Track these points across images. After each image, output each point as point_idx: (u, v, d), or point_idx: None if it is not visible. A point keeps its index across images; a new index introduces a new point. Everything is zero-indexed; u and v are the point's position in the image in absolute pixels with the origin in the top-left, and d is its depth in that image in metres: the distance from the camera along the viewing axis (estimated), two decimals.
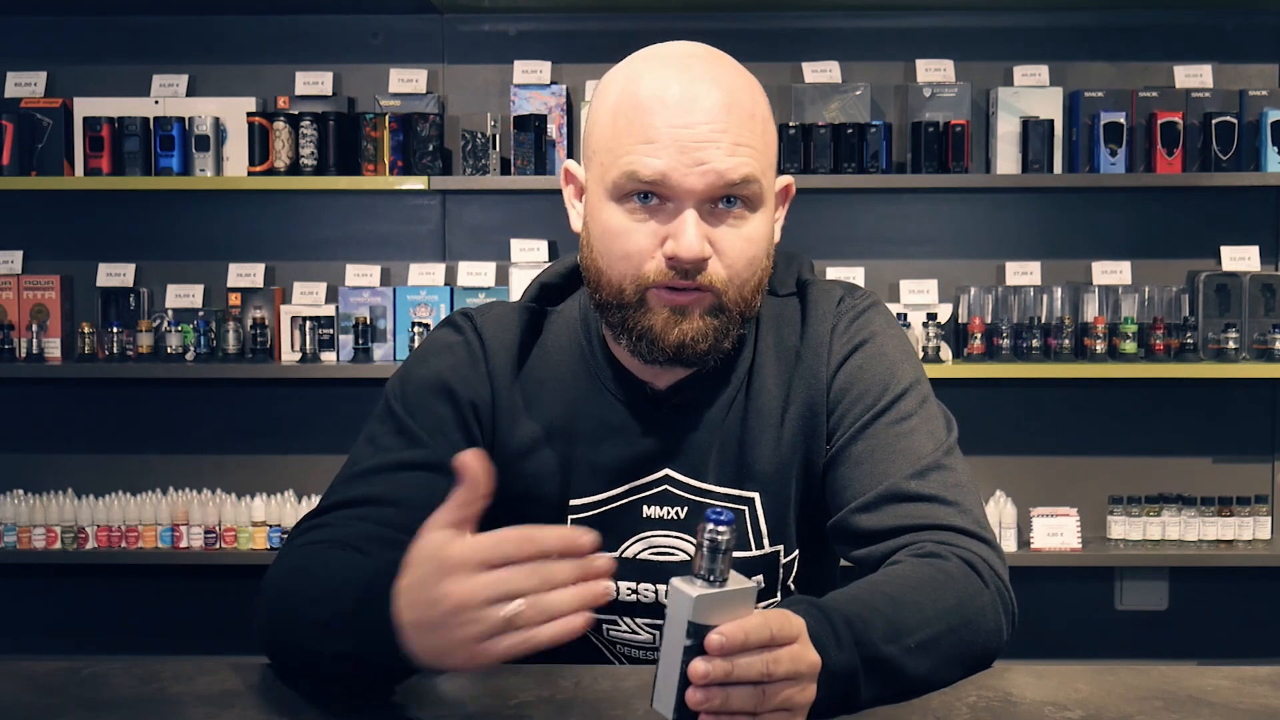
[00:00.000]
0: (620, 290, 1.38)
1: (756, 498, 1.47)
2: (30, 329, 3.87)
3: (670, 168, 1.33)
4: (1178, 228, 3.92)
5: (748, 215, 1.37)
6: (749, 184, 1.35)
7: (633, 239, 1.37)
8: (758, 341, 1.49)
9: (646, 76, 1.38)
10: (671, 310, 1.37)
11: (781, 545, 1.49)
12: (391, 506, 1.39)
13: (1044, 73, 3.83)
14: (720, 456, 1.47)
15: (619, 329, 1.40)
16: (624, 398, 1.47)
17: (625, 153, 1.35)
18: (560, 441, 1.47)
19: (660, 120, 1.34)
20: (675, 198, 1.35)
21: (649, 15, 3.91)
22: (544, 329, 1.51)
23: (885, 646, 1.19)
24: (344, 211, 3.98)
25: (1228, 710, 1.19)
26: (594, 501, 1.47)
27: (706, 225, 1.35)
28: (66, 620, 4.05)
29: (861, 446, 1.42)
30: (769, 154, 1.39)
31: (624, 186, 1.36)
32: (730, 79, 1.38)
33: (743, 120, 1.36)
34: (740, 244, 1.37)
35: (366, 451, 1.45)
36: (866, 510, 1.39)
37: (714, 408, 1.47)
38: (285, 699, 1.22)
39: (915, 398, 1.45)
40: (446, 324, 1.53)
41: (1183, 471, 3.94)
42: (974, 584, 1.31)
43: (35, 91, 3.90)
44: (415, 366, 1.50)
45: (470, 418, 1.46)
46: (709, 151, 1.34)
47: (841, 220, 3.94)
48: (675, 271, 1.35)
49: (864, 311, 1.49)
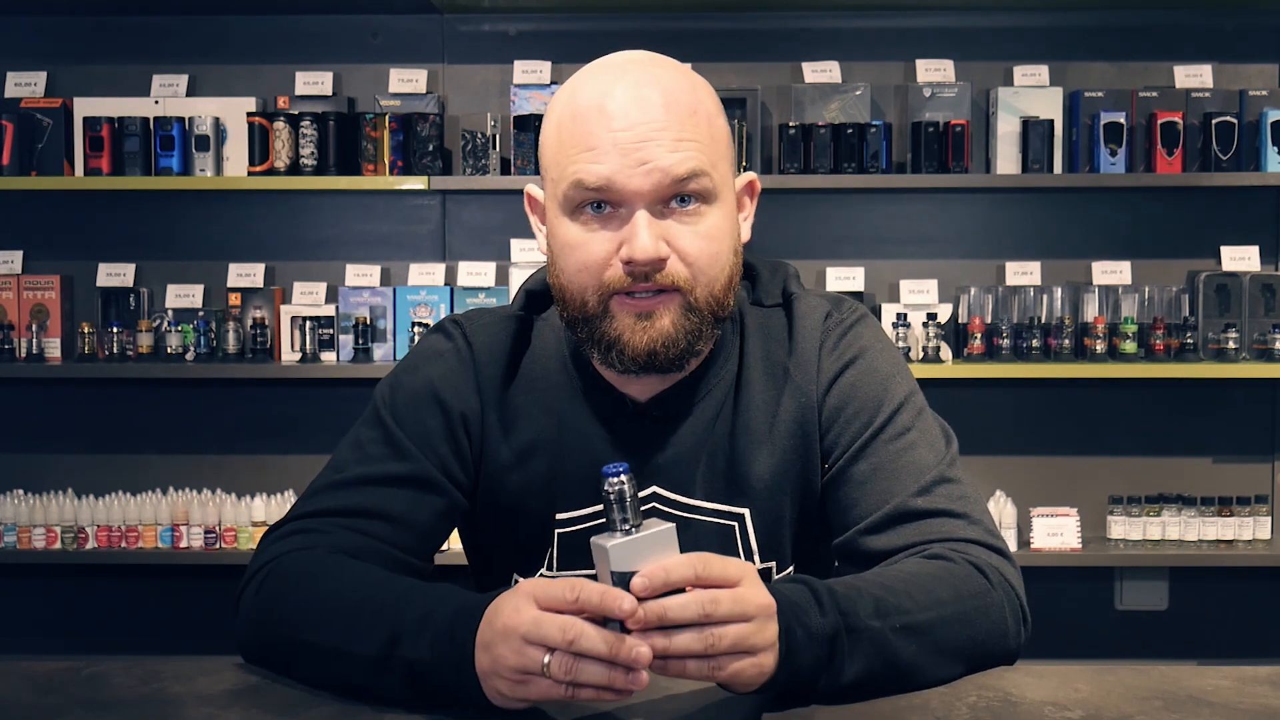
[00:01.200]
0: (584, 303, 1.38)
1: (747, 513, 1.45)
2: (30, 329, 3.87)
3: (614, 171, 1.33)
4: (1178, 228, 3.91)
5: (703, 211, 1.36)
6: (697, 178, 1.35)
7: (589, 249, 1.36)
8: (744, 354, 1.47)
9: (585, 87, 1.38)
10: (637, 316, 1.36)
11: (774, 562, 1.47)
12: (378, 520, 1.40)
13: (1044, 73, 3.83)
14: (708, 471, 1.45)
15: (589, 342, 1.40)
16: (606, 411, 1.46)
17: (570, 164, 1.36)
18: (546, 455, 1.46)
19: (599, 127, 1.34)
20: (625, 202, 1.34)
21: (649, 15, 3.90)
22: (532, 339, 1.50)
23: (870, 620, 1.20)
24: (344, 211, 3.98)
25: (1228, 710, 1.19)
26: (580, 516, 1.46)
27: (662, 225, 1.35)
28: (66, 620, 4.05)
29: (863, 466, 1.41)
30: (717, 148, 1.38)
31: (574, 198, 1.36)
32: (667, 79, 1.37)
33: (683, 117, 1.35)
34: (698, 241, 1.36)
35: (353, 457, 1.45)
36: (876, 532, 1.38)
37: (700, 420, 1.45)
38: (285, 699, 1.22)
39: (911, 411, 1.44)
40: (438, 330, 1.52)
41: (1183, 471, 3.94)
42: (977, 583, 1.31)
43: (35, 91, 3.90)
44: (406, 374, 1.49)
45: (459, 429, 1.46)
46: (650, 150, 1.33)
47: (841, 220, 3.93)
48: (634, 276, 1.35)
49: (852, 326, 1.48)
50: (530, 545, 1.48)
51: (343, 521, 1.39)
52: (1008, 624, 1.32)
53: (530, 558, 1.49)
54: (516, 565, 1.51)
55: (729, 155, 1.41)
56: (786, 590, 1.19)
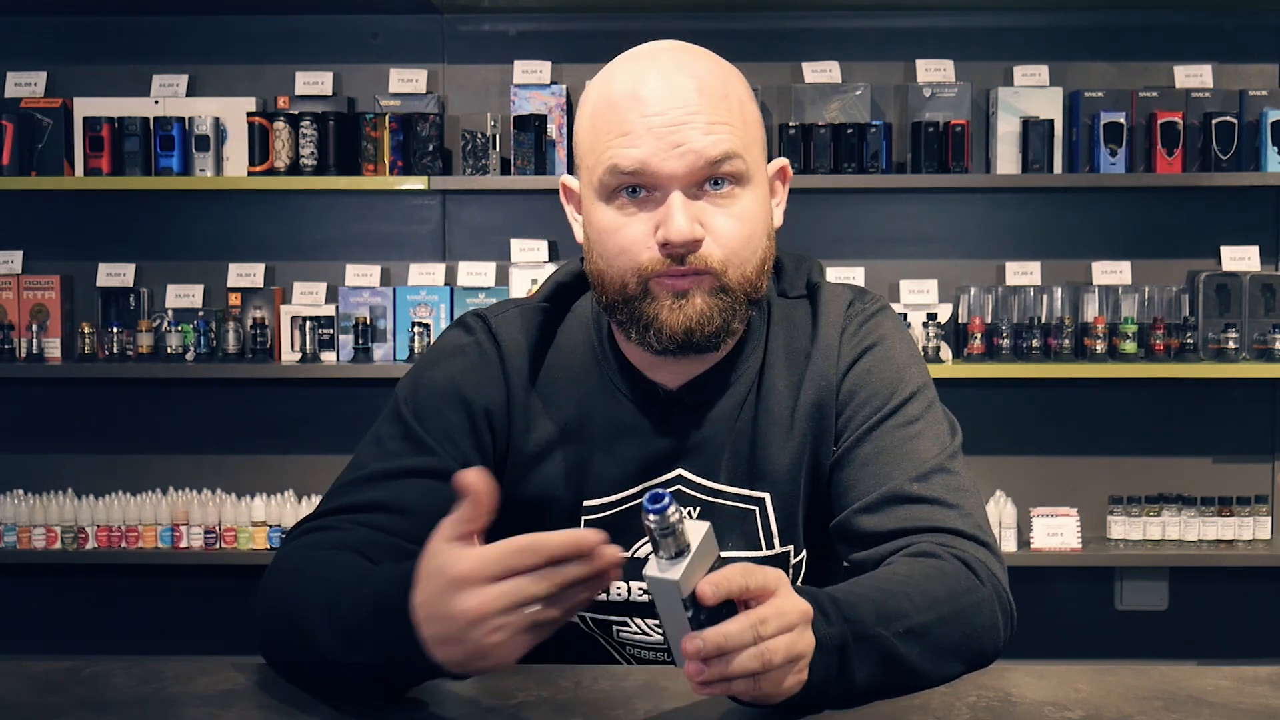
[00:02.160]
0: (624, 286, 1.39)
1: (767, 498, 1.47)
2: (30, 329, 3.87)
3: (649, 155, 1.35)
4: (1178, 228, 3.92)
5: (737, 194, 1.38)
6: (730, 160, 1.37)
7: (626, 233, 1.38)
8: (768, 342, 1.49)
9: (618, 76, 1.41)
10: (674, 296, 1.38)
11: (791, 546, 1.49)
12: (396, 514, 1.39)
13: (1044, 73, 3.83)
14: (732, 457, 1.47)
15: (628, 324, 1.41)
16: (636, 398, 1.47)
17: (605, 149, 1.38)
18: (573, 443, 1.47)
19: (634, 113, 1.36)
20: (660, 186, 1.36)
21: (649, 15, 3.91)
22: (558, 330, 1.51)
23: (875, 627, 1.20)
24: (344, 211, 3.98)
25: (1228, 710, 1.19)
26: (607, 503, 1.47)
27: (696, 207, 1.37)
28: (66, 620, 4.05)
29: (867, 449, 1.43)
30: (749, 132, 1.40)
31: (610, 184, 1.38)
32: (699, 65, 1.40)
33: (715, 101, 1.37)
34: (732, 223, 1.38)
35: (372, 454, 1.45)
36: (868, 512, 1.40)
37: (725, 408, 1.47)
38: (285, 699, 1.22)
39: (922, 402, 1.47)
40: (458, 325, 1.52)
41: (1183, 471, 3.94)
42: (968, 580, 1.32)
43: (35, 91, 3.90)
44: (426, 370, 1.49)
45: (482, 424, 1.46)
46: (684, 133, 1.35)
47: (841, 220, 3.93)
48: (671, 258, 1.36)
49: (873, 315, 1.51)
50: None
51: (357, 518, 1.38)
52: (998, 619, 1.33)
53: None
54: None
55: (760, 140, 1.43)
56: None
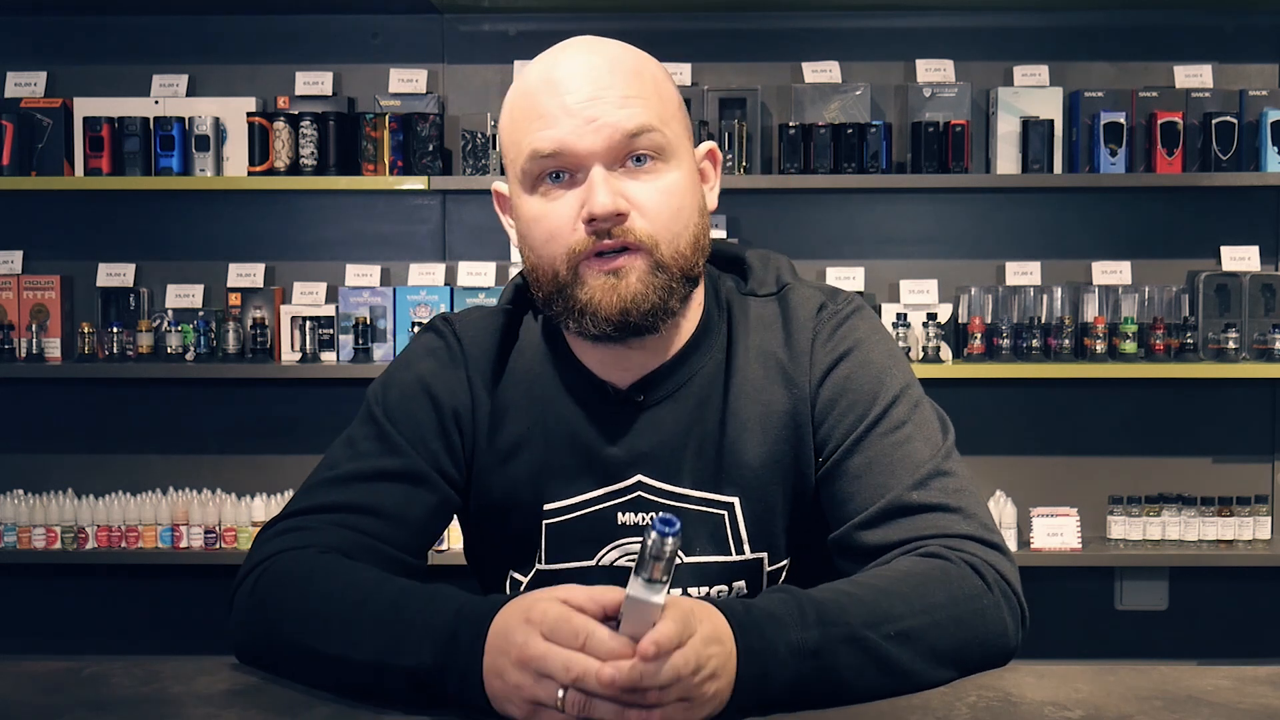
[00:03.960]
0: (555, 274, 1.39)
1: (736, 502, 1.45)
2: (30, 329, 3.87)
3: (566, 134, 1.36)
4: (1178, 228, 3.92)
5: (660, 169, 1.39)
6: (648, 134, 1.37)
7: (552, 217, 1.39)
8: (734, 342, 1.47)
9: (533, 69, 1.43)
10: (606, 275, 1.37)
11: (765, 553, 1.46)
12: (370, 515, 1.39)
13: (1044, 73, 3.83)
14: (696, 459, 1.45)
15: (564, 314, 1.40)
16: (589, 400, 1.46)
17: (524, 137, 1.39)
18: (535, 446, 1.46)
19: (548, 97, 1.38)
20: (581, 165, 1.37)
21: (649, 15, 3.91)
22: (520, 333, 1.51)
23: (863, 629, 1.20)
24: (344, 211, 3.98)
25: (1228, 710, 1.19)
26: (567, 506, 1.46)
27: (619, 183, 1.37)
28: (66, 620, 4.05)
29: (858, 460, 1.40)
30: (667, 108, 1.40)
31: (532, 171, 1.39)
32: (610, 49, 1.43)
33: (629, 77, 1.39)
34: (658, 196, 1.38)
35: (344, 454, 1.45)
36: (871, 526, 1.37)
37: (685, 407, 1.45)
38: (285, 699, 1.22)
39: (907, 404, 1.43)
40: (429, 329, 1.53)
41: (1183, 471, 3.94)
42: (973, 585, 1.30)
43: (35, 91, 3.90)
44: (398, 371, 1.50)
45: (451, 425, 1.46)
46: (598, 108, 1.37)
47: (841, 220, 3.93)
48: (597, 235, 1.36)
49: (846, 318, 1.47)
50: (522, 539, 1.48)
51: (334, 518, 1.39)
52: (1006, 624, 1.31)
53: (523, 552, 1.49)
54: (511, 561, 1.51)
55: (682, 120, 1.43)
56: (768, 604, 1.19)
